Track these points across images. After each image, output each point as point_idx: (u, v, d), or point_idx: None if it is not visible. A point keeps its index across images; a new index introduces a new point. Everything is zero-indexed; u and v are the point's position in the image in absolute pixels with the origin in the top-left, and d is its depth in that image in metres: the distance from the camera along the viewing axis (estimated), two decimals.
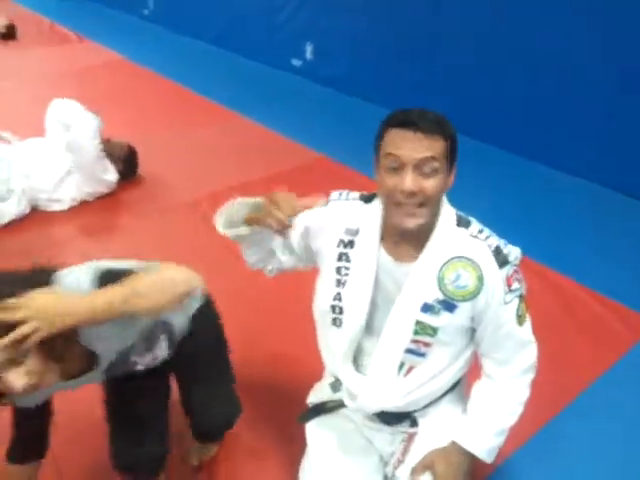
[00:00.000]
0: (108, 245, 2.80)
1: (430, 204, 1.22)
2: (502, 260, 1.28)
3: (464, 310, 1.29)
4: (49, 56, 5.60)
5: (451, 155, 1.25)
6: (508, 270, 1.28)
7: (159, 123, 4.24)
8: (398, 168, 1.20)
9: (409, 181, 1.18)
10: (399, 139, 1.19)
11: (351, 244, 1.34)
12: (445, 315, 1.28)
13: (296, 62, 5.18)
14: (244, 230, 1.40)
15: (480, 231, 1.31)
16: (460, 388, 1.49)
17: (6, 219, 2.88)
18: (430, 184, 1.20)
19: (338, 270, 1.35)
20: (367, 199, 1.37)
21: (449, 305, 1.28)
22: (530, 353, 1.37)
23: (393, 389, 1.35)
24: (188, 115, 4.38)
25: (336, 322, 1.37)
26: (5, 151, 2.94)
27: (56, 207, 3.04)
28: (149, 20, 7.01)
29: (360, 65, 4.61)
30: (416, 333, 1.30)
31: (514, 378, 1.37)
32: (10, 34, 6.18)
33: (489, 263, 1.27)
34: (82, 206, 3.10)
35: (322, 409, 1.53)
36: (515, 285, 1.29)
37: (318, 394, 1.57)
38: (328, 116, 4.36)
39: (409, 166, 1.18)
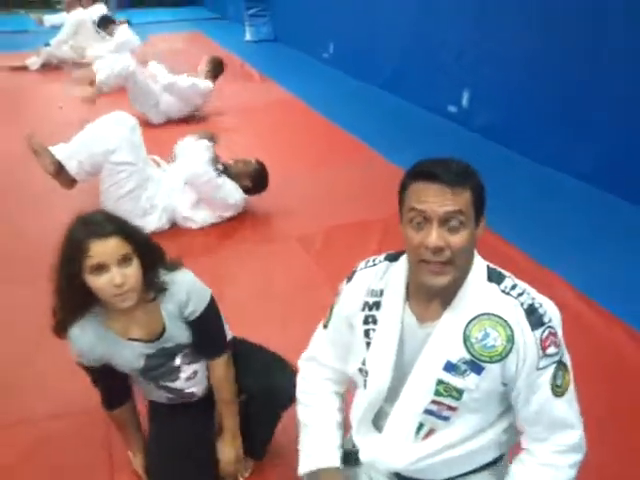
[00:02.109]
0: (214, 264, 3.02)
1: (458, 260, 1.16)
2: (536, 320, 1.18)
3: (493, 373, 1.19)
4: (232, 92, 6.23)
5: (478, 205, 1.19)
6: (543, 332, 1.18)
7: (305, 156, 4.53)
8: (423, 223, 1.15)
9: (434, 236, 1.13)
10: (422, 192, 1.15)
11: (377, 305, 1.30)
12: (472, 377, 1.19)
13: (452, 108, 5.18)
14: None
15: (513, 287, 1.22)
16: (498, 469, 1.35)
17: (148, 230, 3.27)
18: (457, 239, 1.14)
19: (366, 333, 1.31)
20: (393, 258, 1.33)
21: (476, 366, 1.19)
22: (570, 436, 1.23)
23: (407, 450, 1.28)
24: (335, 152, 4.60)
25: (366, 385, 1.33)
26: (155, 172, 3.38)
27: (190, 225, 3.40)
28: (328, 63, 7.48)
29: (515, 116, 4.48)
30: (438, 394, 1.22)
31: (554, 454, 1.24)
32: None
33: (521, 322, 1.18)
34: (211, 227, 3.42)
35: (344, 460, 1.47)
36: (551, 350, 1.18)
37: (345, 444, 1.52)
38: (473, 165, 4.28)
39: (434, 221, 1.13)
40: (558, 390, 1.20)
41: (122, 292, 1.42)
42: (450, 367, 1.21)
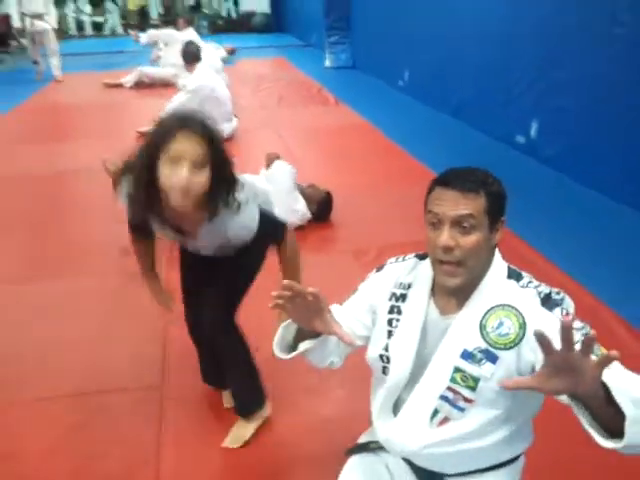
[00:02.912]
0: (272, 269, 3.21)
1: (469, 261, 1.27)
2: (552, 304, 1.25)
3: (507, 362, 1.26)
4: (307, 114, 6.52)
5: (493, 212, 1.30)
6: (561, 311, 1.24)
7: (370, 176, 4.69)
8: (437, 224, 1.28)
9: (445, 236, 1.25)
10: (439, 197, 1.28)
11: (403, 297, 1.41)
12: (487, 365, 1.27)
13: (520, 139, 5.21)
14: (308, 344, 1.39)
15: (531, 282, 1.31)
16: (514, 470, 1.42)
17: None
18: (467, 240, 1.25)
19: (389, 322, 1.41)
20: (422, 257, 1.44)
21: (491, 355, 1.27)
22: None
23: (421, 433, 1.35)
24: (399, 174, 4.71)
25: (385, 371, 1.41)
26: None
27: None
28: (402, 91, 7.65)
29: (583, 148, 4.48)
30: (455, 381, 1.30)
31: None
32: None
33: (535, 308, 1.26)
34: None
35: (365, 448, 1.56)
36: (577, 323, 1.20)
37: (368, 435, 1.60)
38: (532, 194, 4.31)
39: (446, 222, 1.26)
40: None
41: (183, 191, 1.53)
42: (467, 355, 1.29)
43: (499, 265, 1.36)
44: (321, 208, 3.75)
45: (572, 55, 4.48)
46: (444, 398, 1.32)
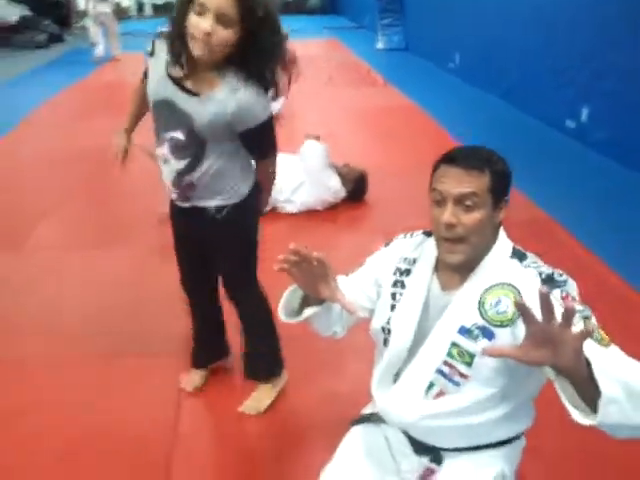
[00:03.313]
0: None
1: (471, 238, 1.28)
2: (552, 284, 1.24)
3: (503, 340, 1.26)
4: (354, 94, 6.49)
5: (497, 190, 1.30)
6: (561, 292, 1.22)
7: (408, 158, 4.64)
8: (441, 202, 1.28)
9: (448, 213, 1.26)
10: (443, 175, 1.29)
11: (407, 272, 1.42)
12: (483, 342, 1.28)
13: (570, 124, 5.05)
14: (312, 310, 1.41)
15: (534, 262, 1.31)
16: (513, 451, 1.41)
17: None
18: (469, 217, 1.26)
19: (393, 296, 1.42)
20: (429, 234, 1.44)
21: (487, 331, 1.28)
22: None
23: (416, 405, 1.37)
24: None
25: (386, 342, 1.44)
26: None
27: (289, 208, 3.68)
28: (453, 73, 7.52)
29: (634, 133, 4.31)
30: (451, 356, 1.32)
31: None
32: None
33: (535, 288, 1.18)
34: (309, 212, 3.67)
35: (367, 419, 1.58)
36: (577, 306, 1.17)
37: (371, 407, 1.61)
38: (581, 180, 4.19)
39: (449, 200, 1.26)
40: (601, 342, 1.13)
41: (204, 40, 1.54)
42: (464, 331, 1.30)
43: (503, 244, 1.35)
44: (356, 187, 3.75)
45: (625, 38, 4.30)
46: (440, 372, 1.33)
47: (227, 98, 1.65)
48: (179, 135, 1.72)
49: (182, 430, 2.04)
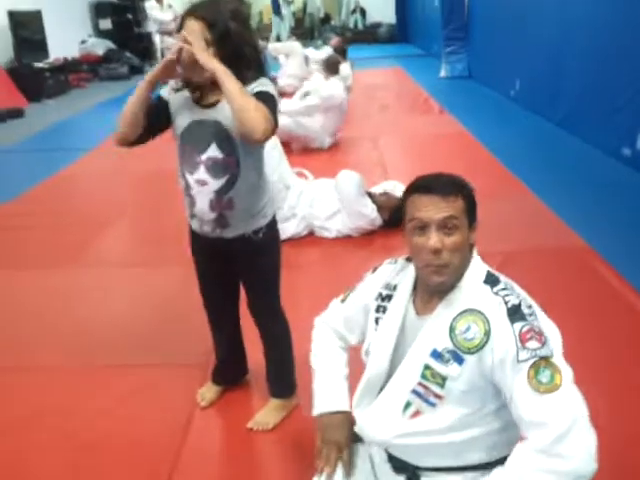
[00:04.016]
0: (336, 273, 3.27)
1: (454, 260, 1.35)
2: (517, 317, 1.29)
3: (472, 365, 1.32)
4: (407, 122, 6.55)
5: (470, 212, 1.38)
6: (523, 326, 1.28)
7: None
8: (423, 229, 1.35)
9: (434, 239, 1.33)
10: (420, 203, 1.36)
11: (389, 298, 1.51)
12: (454, 366, 1.34)
13: (626, 151, 4.90)
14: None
15: (504, 289, 1.36)
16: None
17: (286, 235, 3.71)
18: (452, 240, 1.34)
19: (376, 320, 1.51)
20: (410, 259, 1.51)
21: (457, 356, 1.34)
22: (544, 434, 1.23)
23: (392, 424, 1.43)
24: (488, 188, 4.51)
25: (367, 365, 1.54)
26: (300, 184, 3.84)
27: (325, 234, 3.78)
28: (514, 100, 7.44)
29: None
30: (425, 377, 1.38)
31: (534, 453, 1.25)
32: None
33: (501, 318, 1.30)
34: (344, 238, 3.75)
35: (357, 435, 1.61)
36: (533, 344, 1.26)
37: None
38: (627, 207, 4.04)
39: (432, 226, 1.34)
40: (541, 386, 1.24)
41: (189, 65, 1.73)
42: (436, 355, 1.37)
43: (477, 268, 1.41)
44: (392, 216, 3.77)
45: None
46: (416, 392, 1.39)
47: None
48: (215, 152, 1.83)
49: (190, 441, 2.13)
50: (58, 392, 2.44)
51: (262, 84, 1.83)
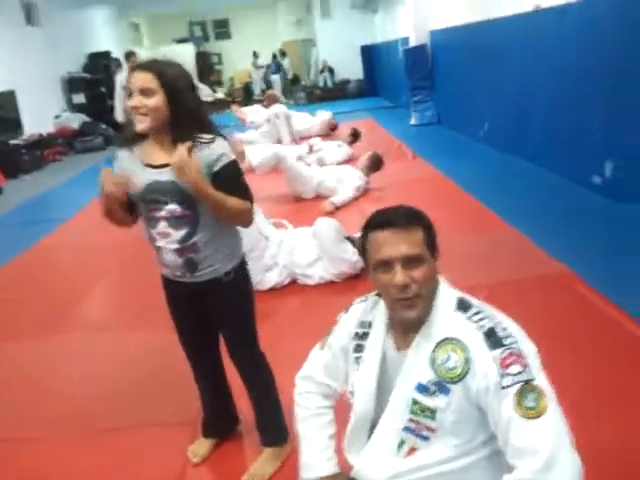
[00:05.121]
0: (319, 321, 3.28)
1: (424, 292, 1.34)
2: (494, 341, 1.27)
3: (458, 394, 1.30)
4: (386, 168, 6.49)
5: (431, 241, 1.37)
6: (503, 352, 1.26)
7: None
8: (387, 266, 1.33)
9: (399, 276, 1.31)
10: (381, 240, 1.35)
11: (365, 335, 1.48)
12: (441, 397, 1.31)
13: (597, 179, 5.00)
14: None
15: (477, 313, 1.33)
16: None
17: (269, 285, 3.71)
18: (419, 273, 1.33)
19: (356, 360, 1.48)
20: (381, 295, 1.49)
21: (443, 387, 1.31)
22: (533, 463, 1.19)
23: (388, 464, 1.38)
24: (466, 225, 4.60)
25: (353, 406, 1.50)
26: (279, 234, 3.85)
27: (307, 281, 3.76)
28: (482, 141, 7.63)
29: None
30: (414, 413, 1.35)
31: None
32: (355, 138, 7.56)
33: (478, 344, 1.28)
34: (327, 285, 3.73)
35: None
36: (514, 368, 1.24)
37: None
38: (612, 237, 4.10)
39: (397, 263, 1.32)
40: (528, 411, 1.22)
41: (138, 114, 1.80)
42: (422, 388, 1.34)
43: (447, 296, 1.40)
44: None
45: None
46: (408, 429, 1.36)
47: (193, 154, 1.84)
48: (173, 207, 1.88)
49: None
50: (50, 461, 2.37)
51: (223, 148, 1.89)
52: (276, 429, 2.20)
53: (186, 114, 1.84)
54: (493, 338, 1.28)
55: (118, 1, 15.74)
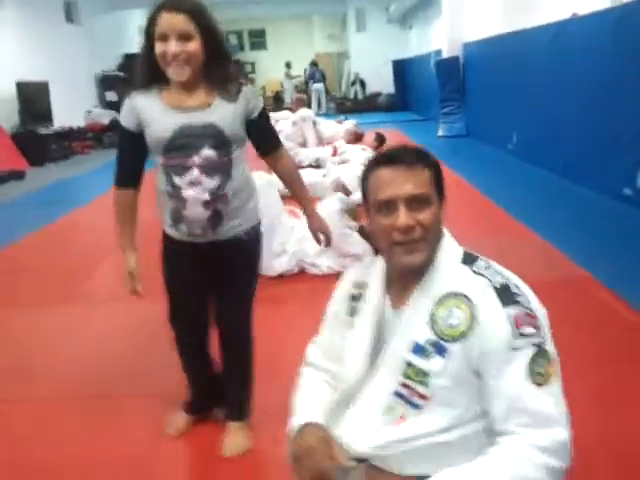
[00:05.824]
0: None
1: (429, 236, 1.20)
2: (508, 299, 1.13)
3: (456, 355, 1.15)
4: None
5: (438, 182, 1.23)
6: (516, 310, 1.12)
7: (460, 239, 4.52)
8: (390, 208, 1.19)
9: (403, 217, 1.17)
10: (384, 179, 1.20)
11: (360, 297, 1.33)
12: (436, 359, 1.16)
13: (627, 191, 4.81)
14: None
15: (487, 267, 1.19)
16: None
17: (277, 271, 3.60)
18: (425, 216, 1.18)
19: (350, 323, 1.33)
20: (377, 251, 1.36)
21: (440, 347, 1.17)
22: (554, 433, 1.07)
23: (373, 433, 1.23)
24: (491, 233, 4.47)
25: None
26: (291, 222, 3.73)
27: (315, 271, 3.64)
28: (511, 153, 7.46)
29: None
30: (408, 377, 1.20)
31: (529, 447, 1.07)
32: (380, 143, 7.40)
33: (489, 300, 1.14)
34: (335, 274, 3.58)
35: None
36: (528, 329, 1.11)
37: None
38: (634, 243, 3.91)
39: (400, 203, 1.18)
40: (539, 378, 1.09)
41: (178, 61, 1.67)
42: (418, 349, 1.19)
43: (452, 249, 1.25)
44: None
45: None
46: (398, 394, 1.21)
47: (226, 99, 1.79)
48: (209, 153, 1.77)
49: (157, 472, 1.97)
50: (32, 423, 2.34)
51: (253, 94, 1.86)
52: (247, 405, 2.11)
53: (221, 56, 1.78)
54: (506, 294, 1.13)
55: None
